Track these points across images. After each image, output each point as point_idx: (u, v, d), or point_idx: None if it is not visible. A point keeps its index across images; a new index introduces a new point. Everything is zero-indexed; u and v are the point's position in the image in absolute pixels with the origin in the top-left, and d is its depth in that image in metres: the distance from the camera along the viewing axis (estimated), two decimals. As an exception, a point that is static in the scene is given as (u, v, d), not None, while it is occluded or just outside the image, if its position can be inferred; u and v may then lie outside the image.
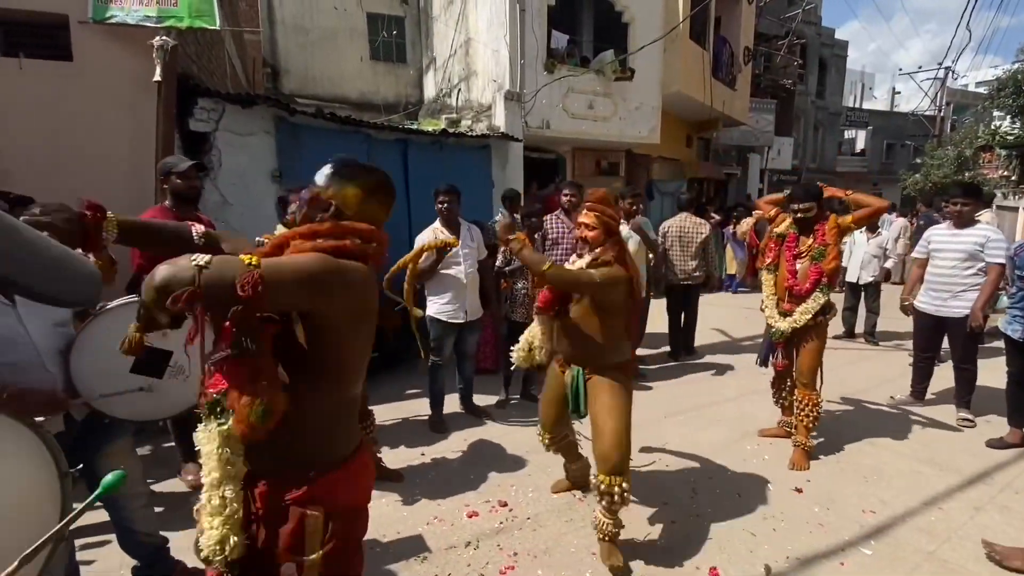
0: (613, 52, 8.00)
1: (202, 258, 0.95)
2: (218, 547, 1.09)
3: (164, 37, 3.30)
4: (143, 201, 3.65)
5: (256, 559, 1.15)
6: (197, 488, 2.87)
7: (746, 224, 4.44)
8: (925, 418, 3.85)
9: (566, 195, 4.11)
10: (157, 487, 2.83)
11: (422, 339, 2.68)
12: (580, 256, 2.37)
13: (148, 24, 3.39)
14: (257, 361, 1.06)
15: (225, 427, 1.09)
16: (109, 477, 0.93)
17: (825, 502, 2.76)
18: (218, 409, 1.11)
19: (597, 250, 2.26)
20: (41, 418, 1.42)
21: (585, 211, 2.27)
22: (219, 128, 4.28)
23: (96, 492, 0.91)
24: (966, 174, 14.10)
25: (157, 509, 2.34)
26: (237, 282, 0.94)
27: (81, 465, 1.52)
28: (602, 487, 2.21)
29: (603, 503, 2.22)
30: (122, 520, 2.00)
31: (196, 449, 1.15)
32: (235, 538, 1.10)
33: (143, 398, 1.83)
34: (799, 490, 2.88)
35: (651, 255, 4.70)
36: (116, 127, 3.80)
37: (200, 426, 1.13)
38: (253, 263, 0.98)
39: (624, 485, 2.20)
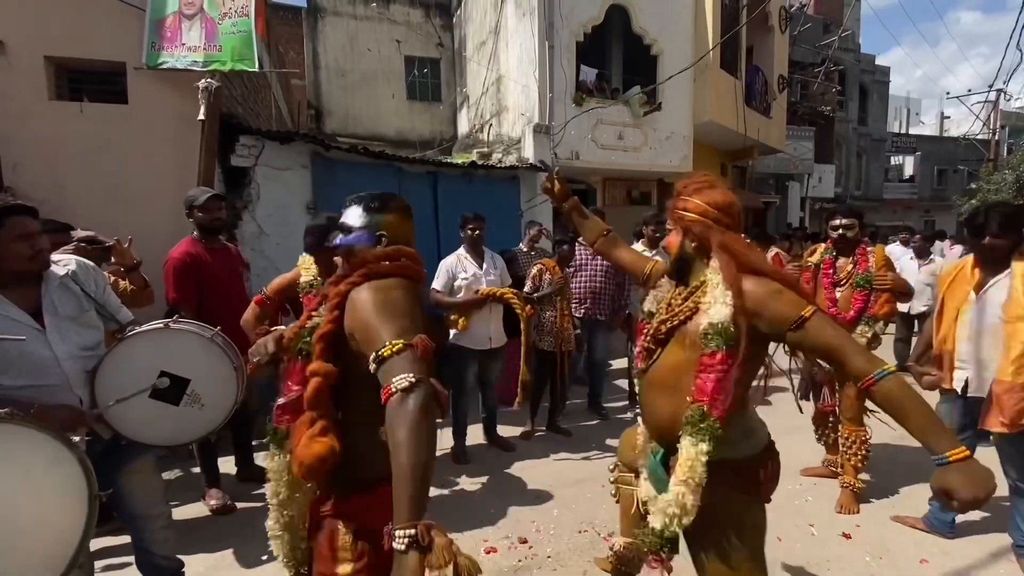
0: (640, 87, 8.06)
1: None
2: (284, 557, 1.38)
3: (208, 79, 3.53)
4: (186, 231, 3.84)
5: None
6: (219, 512, 2.89)
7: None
8: (991, 459, 3.49)
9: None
10: (181, 510, 2.85)
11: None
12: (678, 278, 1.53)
13: (195, 68, 3.64)
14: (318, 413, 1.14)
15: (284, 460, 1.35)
16: None
17: (878, 550, 2.51)
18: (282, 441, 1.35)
19: (719, 276, 1.36)
20: (77, 438, 1.46)
21: (681, 195, 1.50)
22: (258, 163, 4.50)
23: None
24: (1027, 199, 13.27)
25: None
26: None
27: (111, 490, 1.54)
28: None
29: None
30: (142, 541, 2.00)
31: (218, 475, 1.35)
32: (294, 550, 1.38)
33: (160, 423, 1.86)
34: (848, 536, 2.63)
35: None
36: (164, 163, 4.05)
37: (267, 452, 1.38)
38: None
39: None
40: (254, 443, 3.26)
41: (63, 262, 1.80)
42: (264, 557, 2.49)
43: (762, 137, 10.72)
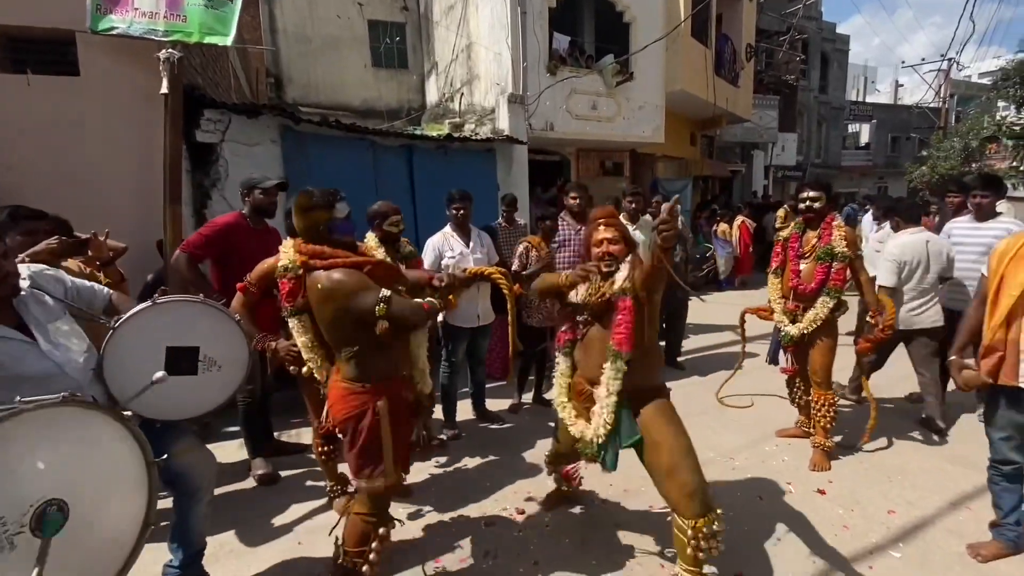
0: (613, 56, 7.98)
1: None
2: None
3: (170, 50, 3.30)
4: (152, 212, 3.66)
5: None
6: (264, 481, 2.93)
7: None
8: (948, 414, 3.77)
9: (573, 198, 4.07)
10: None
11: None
12: (607, 273, 2.15)
13: (153, 38, 3.39)
14: None
15: None
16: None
17: (849, 503, 2.71)
18: None
19: (626, 263, 2.13)
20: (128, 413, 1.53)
21: (603, 226, 2.19)
22: (226, 139, 4.28)
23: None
24: (973, 165, 13.96)
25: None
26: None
27: (165, 456, 1.54)
28: (693, 532, 1.80)
29: (692, 553, 1.81)
30: (187, 517, 2.00)
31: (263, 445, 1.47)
32: None
33: (187, 396, 1.84)
34: (822, 491, 2.83)
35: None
36: (124, 140, 3.81)
37: None
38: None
39: (720, 523, 1.85)
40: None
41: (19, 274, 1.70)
42: (265, 539, 2.50)
43: (730, 106, 10.85)
